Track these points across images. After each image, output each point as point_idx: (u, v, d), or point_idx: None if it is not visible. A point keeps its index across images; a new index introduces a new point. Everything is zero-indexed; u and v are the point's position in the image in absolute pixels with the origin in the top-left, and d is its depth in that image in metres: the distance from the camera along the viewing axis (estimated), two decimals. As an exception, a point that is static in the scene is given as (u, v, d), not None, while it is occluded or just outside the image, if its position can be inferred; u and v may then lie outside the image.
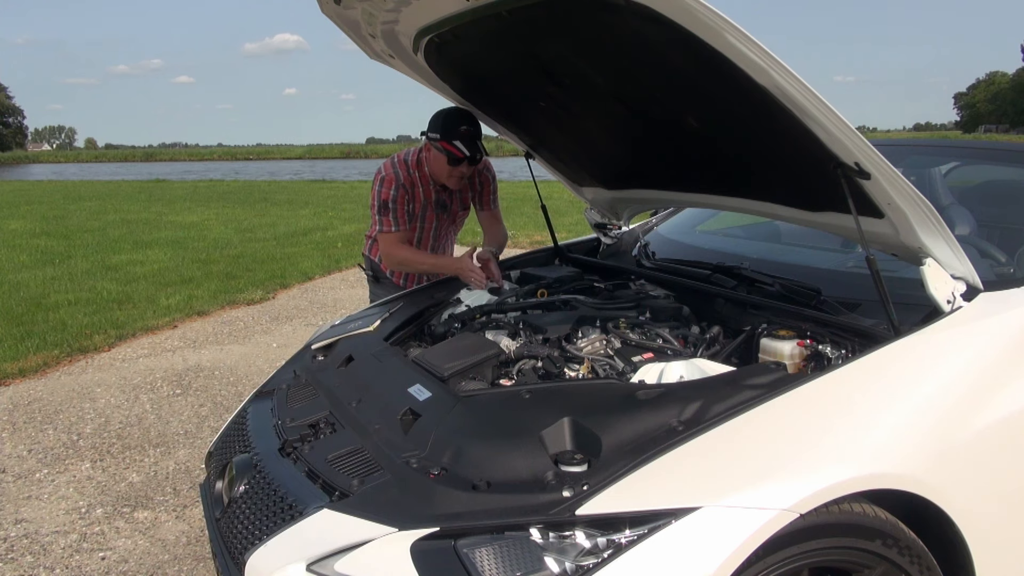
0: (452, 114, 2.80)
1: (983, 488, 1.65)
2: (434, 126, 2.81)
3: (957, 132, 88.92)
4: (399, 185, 2.93)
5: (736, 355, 2.09)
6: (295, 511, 1.66)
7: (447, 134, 2.77)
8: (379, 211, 2.95)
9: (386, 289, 3.21)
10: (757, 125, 1.87)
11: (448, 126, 2.77)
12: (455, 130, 2.76)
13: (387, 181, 2.93)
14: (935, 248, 1.80)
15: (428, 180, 2.99)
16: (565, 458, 1.54)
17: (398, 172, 2.94)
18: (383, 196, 2.93)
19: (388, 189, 2.93)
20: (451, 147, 2.77)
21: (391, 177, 2.93)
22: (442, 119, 2.80)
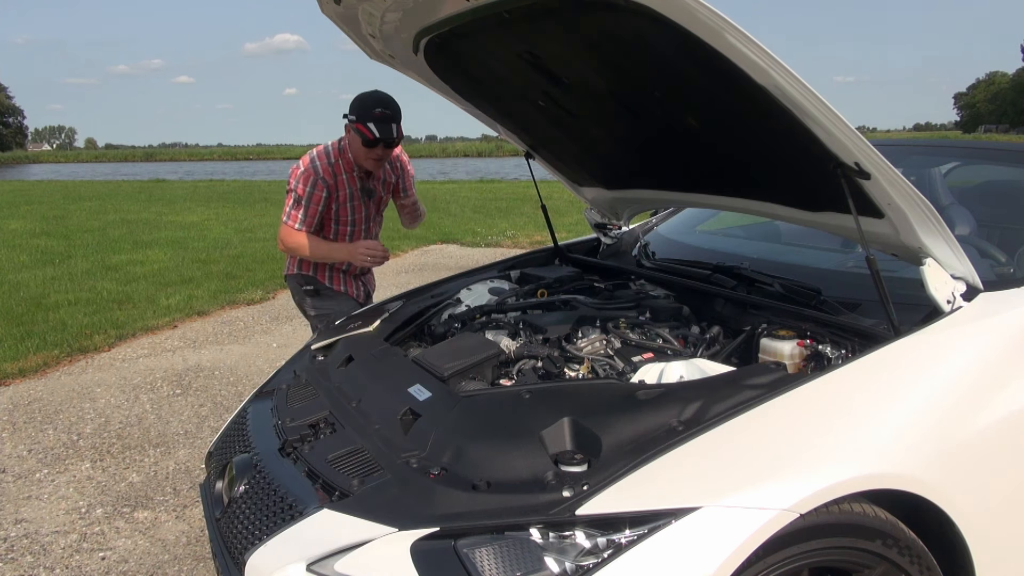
0: (369, 96, 2.81)
1: (983, 488, 1.65)
2: (352, 107, 2.83)
3: (957, 132, 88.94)
4: (318, 181, 2.92)
5: (736, 355, 2.09)
6: (295, 511, 1.66)
7: (362, 115, 2.78)
8: (292, 204, 2.96)
9: (334, 299, 3.16)
10: (757, 125, 1.87)
11: (364, 108, 2.78)
12: (370, 112, 2.77)
13: (305, 176, 2.92)
14: (935, 248, 1.80)
15: (352, 167, 2.99)
16: (565, 458, 1.54)
17: (317, 166, 2.93)
18: (299, 191, 2.93)
19: (305, 186, 2.92)
20: (364, 128, 2.78)
21: (309, 172, 2.93)
22: (359, 101, 2.81)
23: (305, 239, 3.00)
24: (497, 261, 3.23)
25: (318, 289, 3.19)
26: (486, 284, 2.87)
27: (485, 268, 3.14)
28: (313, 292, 3.20)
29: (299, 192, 2.92)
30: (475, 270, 3.15)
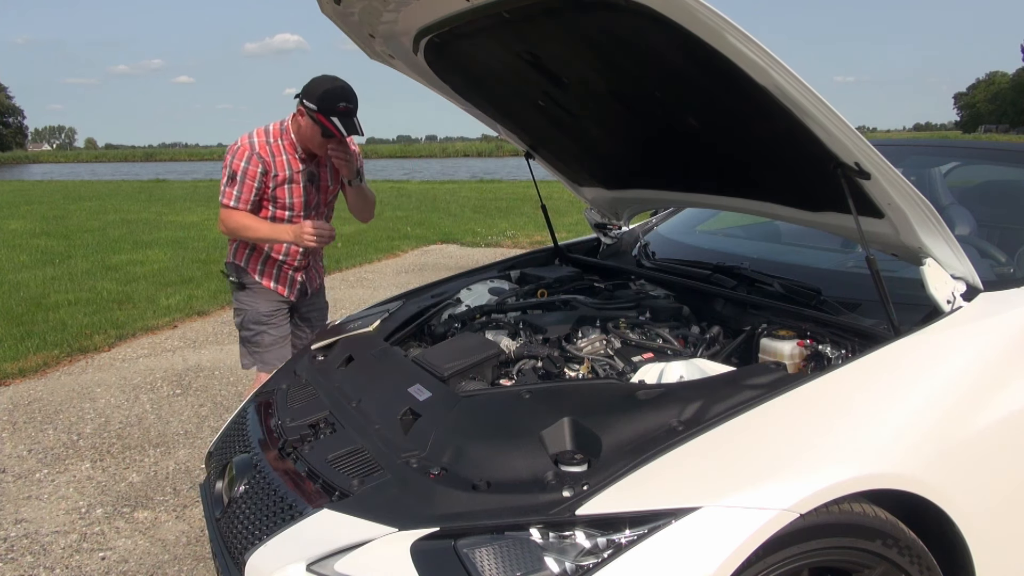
0: (333, 89, 2.69)
1: (983, 488, 1.65)
2: (312, 95, 2.69)
3: (957, 132, 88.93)
4: (252, 155, 2.79)
5: (736, 355, 2.09)
6: (295, 511, 1.66)
7: (325, 108, 2.67)
8: (227, 181, 2.82)
9: (254, 296, 3.03)
10: (757, 125, 1.87)
11: (328, 100, 2.67)
12: (334, 106, 2.66)
13: (240, 151, 2.79)
14: (935, 248, 1.80)
15: (294, 148, 2.86)
16: (565, 458, 1.54)
17: (253, 141, 2.81)
18: (233, 167, 2.80)
19: (240, 160, 2.79)
20: (327, 122, 2.68)
21: (245, 147, 2.80)
22: (322, 91, 2.68)
23: (245, 218, 2.85)
24: (497, 261, 3.22)
25: (243, 283, 3.05)
26: (486, 284, 2.87)
27: (485, 268, 3.14)
28: (238, 285, 3.06)
29: (233, 167, 2.80)
30: (475, 270, 3.15)
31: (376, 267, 8.87)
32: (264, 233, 2.87)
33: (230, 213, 2.85)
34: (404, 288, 3.50)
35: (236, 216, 2.84)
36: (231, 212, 2.84)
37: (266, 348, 3.04)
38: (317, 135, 2.74)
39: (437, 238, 10.95)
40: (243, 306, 3.04)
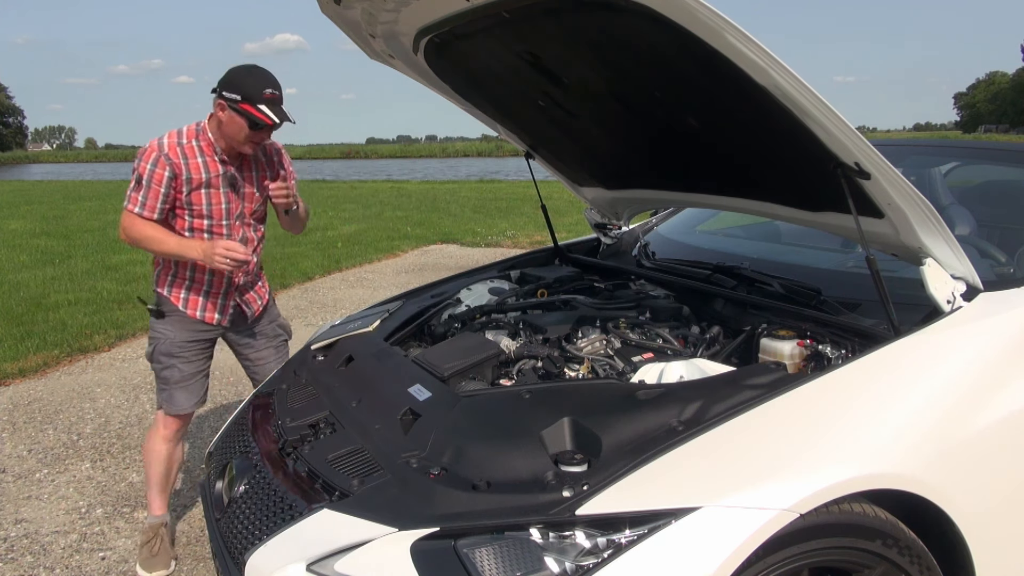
0: (256, 75, 2.47)
1: (983, 488, 1.65)
2: (233, 86, 2.45)
3: (957, 132, 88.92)
4: (160, 158, 2.50)
5: (736, 355, 2.09)
6: (295, 511, 1.66)
7: (251, 97, 2.43)
8: (133, 186, 2.53)
9: (171, 326, 2.70)
10: (757, 125, 1.87)
11: (252, 88, 2.44)
12: (260, 93, 2.44)
13: (147, 154, 2.51)
14: (935, 248, 1.80)
15: (212, 150, 2.58)
16: (565, 458, 1.54)
17: (163, 143, 2.52)
18: (140, 170, 2.50)
19: (146, 163, 2.50)
20: (256, 111, 2.43)
21: (152, 149, 2.51)
22: (244, 79, 2.46)
23: (150, 228, 2.54)
24: (497, 261, 3.22)
25: (163, 310, 2.71)
26: (486, 284, 2.87)
27: (485, 268, 3.14)
28: (156, 313, 2.72)
29: (140, 171, 2.51)
30: (475, 270, 3.15)
31: (376, 267, 8.87)
32: (170, 247, 2.55)
33: (133, 220, 2.55)
34: (404, 288, 3.50)
35: (140, 225, 2.54)
36: (134, 219, 2.54)
37: (174, 385, 2.71)
38: (243, 129, 2.48)
39: (437, 238, 10.95)
40: (156, 335, 2.72)
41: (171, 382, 2.71)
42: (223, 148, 2.57)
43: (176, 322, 2.70)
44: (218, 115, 2.51)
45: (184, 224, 2.62)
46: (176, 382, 2.71)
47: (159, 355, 2.70)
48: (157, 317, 2.71)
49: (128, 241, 2.59)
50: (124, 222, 2.57)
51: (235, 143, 2.55)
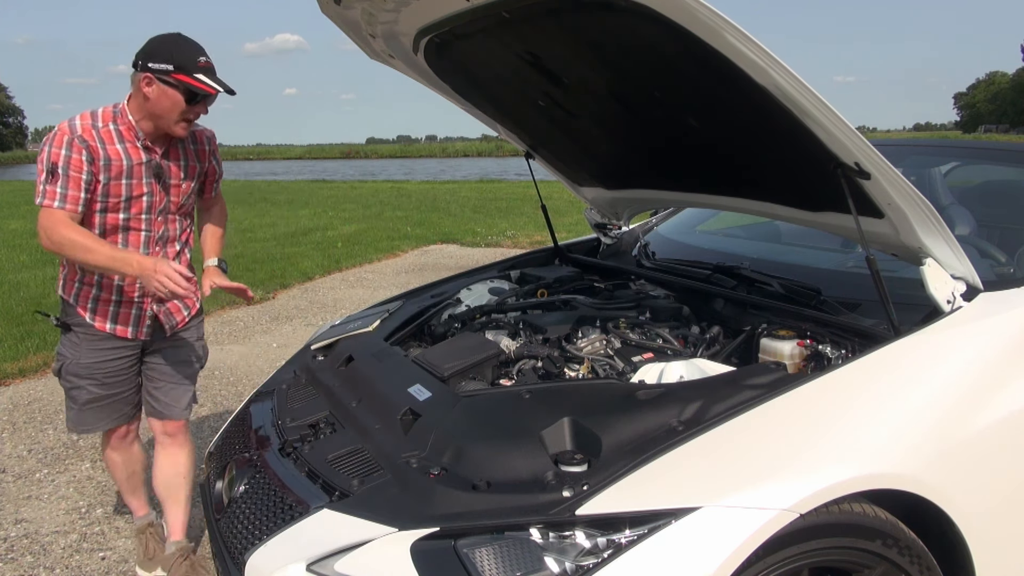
0: (185, 42, 2.19)
1: (983, 488, 1.65)
2: (160, 56, 2.14)
3: (957, 132, 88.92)
4: (73, 140, 2.15)
5: (736, 355, 2.09)
6: (295, 511, 1.66)
7: (184, 66, 2.14)
8: (45, 178, 2.14)
9: (79, 343, 2.34)
10: (757, 125, 1.87)
11: (185, 56, 2.15)
12: (193, 61, 2.16)
13: (57, 137, 2.15)
14: (935, 248, 1.80)
15: (133, 135, 2.24)
16: (565, 458, 1.54)
17: (75, 124, 2.18)
18: (52, 158, 2.13)
19: (58, 148, 2.13)
20: (193, 80, 2.15)
21: (63, 131, 2.16)
22: (173, 47, 2.16)
23: (76, 232, 2.15)
24: (497, 261, 3.23)
25: (69, 323, 2.35)
26: (486, 284, 2.87)
27: (485, 268, 3.14)
28: (63, 326, 2.37)
29: (53, 158, 2.12)
30: (475, 270, 3.15)
31: (376, 267, 8.87)
32: (101, 259, 2.15)
33: (55, 219, 2.13)
34: (404, 288, 3.50)
35: (64, 226, 2.13)
36: (56, 218, 2.13)
37: (81, 407, 2.39)
38: (178, 104, 2.17)
39: (437, 238, 10.95)
40: (64, 351, 2.37)
41: (79, 402, 2.38)
42: (147, 132, 2.25)
43: (85, 338, 2.34)
44: (143, 91, 2.17)
45: (96, 220, 2.24)
46: (85, 403, 2.38)
47: (67, 374, 2.37)
48: (64, 331, 2.36)
49: (50, 246, 2.16)
50: (44, 222, 2.15)
51: (166, 123, 2.22)
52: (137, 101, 2.22)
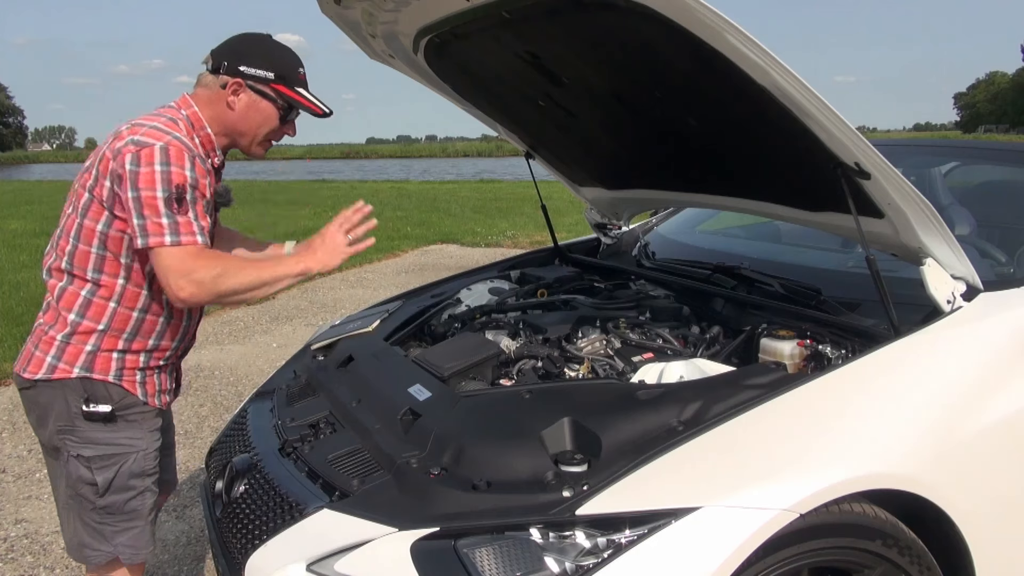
0: (285, 49, 1.84)
1: (983, 488, 1.65)
2: (259, 60, 1.78)
3: (957, 132, 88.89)
4: (196, 157, 1.69)
5: (736, 355, 2.09)
6: (295, 511, 1.66)
7: (287, 77, 1.80)
8: (174, 207, 1.61)
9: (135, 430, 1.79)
10: (757, 125, 1.87)
11: (288, 64, 1.81)
12: (295, 72, 1.82)
13: (175, 153, 1.64)
14: (935, 248, 1.80)
15: (213, 149, 1.83)
16: (565, 458, 1.54)
17: (179, 136, 1.69)
18: (176, 179, 1.62)
19: (181, 167, 1.63)
20: (297, 95, 1.81)
21: (176, 146, 1.65)
22: (274, 51, 1.82)
23: (232, 261, 1.74)
24: (497, 261, 3.23)
25: (114, 410, 1.75)
26: (486, 284, 2.87)
27: (485, 268, 3.14)
28: (105, 417, 1.73)
29: (177, 179, 1.62)
30: (475, 270, 3.15)
31: (376, 267, 8.87)
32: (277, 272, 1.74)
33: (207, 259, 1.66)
34: (404, 288, 3.50)
35: (214, 259, 1.67)
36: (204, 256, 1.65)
37: (147, 518, 1.83)
38: (271, 120, 1.83)
39: (437, 238, 10.95)
40: (116, 450, 1.75)
41: (145, 512, 1.82)
42: (225, 144, 1.86)
43: (142, 420, 1.80)
44: (226, 99, 1.78)
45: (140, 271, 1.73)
46: (151, 510, 1.84)
47: (130, 478, 1.77)
48: (106, 421, 1.74)
49: (199, 296, 1.64)
50: (185, 265, 1.61)
51: (247, 141, 1.86)
52: (214, 110, 1.80)
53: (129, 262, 1.72)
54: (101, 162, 1.69)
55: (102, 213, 1.69)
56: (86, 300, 1.73)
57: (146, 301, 1.76)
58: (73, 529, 1.80)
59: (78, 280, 1.73)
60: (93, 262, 1.71)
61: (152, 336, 1.80)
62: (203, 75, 1.82)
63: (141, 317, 1.76)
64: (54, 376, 1.73)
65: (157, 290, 1.75)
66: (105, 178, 1.67)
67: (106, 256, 1.71)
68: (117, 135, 1.70)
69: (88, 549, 1.78)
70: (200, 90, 1.82)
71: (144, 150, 1.62)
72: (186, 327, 1.89)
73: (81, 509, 1.76)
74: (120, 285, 1.73)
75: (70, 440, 1.74)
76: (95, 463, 1.74)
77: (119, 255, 1.71)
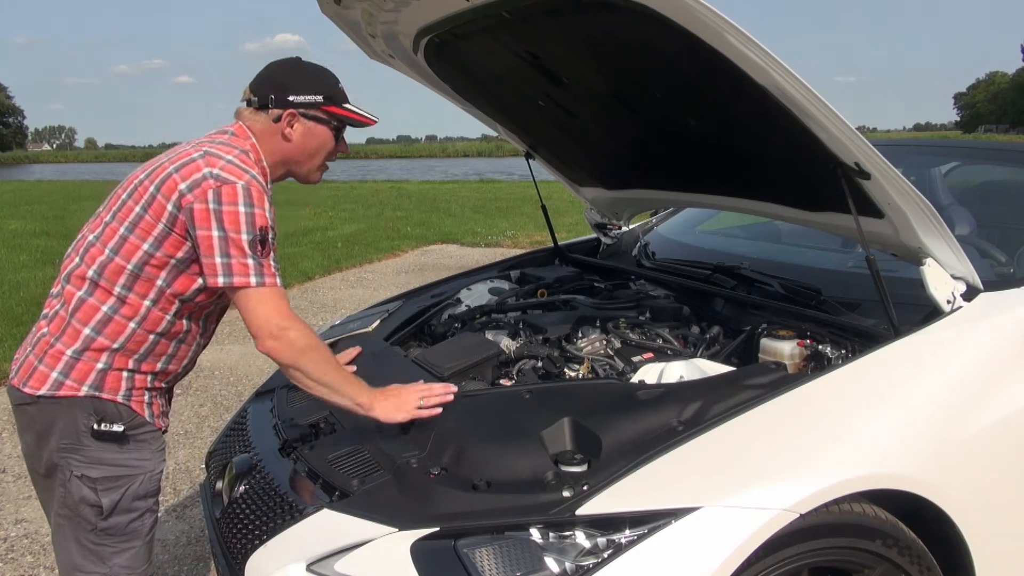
0: (319, 67, 1.82)
1: (983, 488, 1.65)
2: (305, 86, 1.75)
3: (957, 132, 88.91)
4: (264, 196, 1.67)
5: (736, 355, 2.09)
6: (295, 511, 1.66)
7: (334, 96, 1.78)
8: (250, 251, 1.60)
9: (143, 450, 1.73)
10: (757, 125, 1.87)
11: (329, 83, 1.79)
12: (338, 88, 1.80)
13: (256, 194, 1.63)
14: (935, 248, 1.80)
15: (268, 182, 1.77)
16: (565, 458, 1.54)
17: (258, 178, 1.67)
18: (259, 221, 1.62)
19: (262, 208, 1.64)
20: (347, 111, 1.79)
21: (259, 189, 1.64)
22: (314, 74, 1.79)
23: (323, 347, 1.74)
24: (497, 261, 3.23)
25: (126, 431, 1.68)
26: (486, 284, 2.87)
27: (485, 268, 3.14)
28: (116, 436, 1.67)
29: (260, 221, 1.62)
30: (475, 270, 3.15)
31: (376, 267, 8.87)
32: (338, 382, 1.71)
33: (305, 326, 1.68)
34: (404, 288, 3.50)
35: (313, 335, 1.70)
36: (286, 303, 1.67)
37: (145, 539, 1.77)
38: (327, 143, 1.81)
39: (437, 238, 10.95)
40: (124, 471, 1.69)
41: (141, 535, 1.75)
42: (276, 178, 1.84)
43: (150, 440, 1.75)
44: (284, 132, 1.75)
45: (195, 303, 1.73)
46: (150, 529, 1.78)
47: (134, 500, 1.71)
48: (118, 442, 1.68)
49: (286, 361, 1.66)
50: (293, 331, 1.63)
51: (307, 169, 1.84)
52: (270, 144, 1.76)
53: (164, 287, 1.67)
54: (166, 183, 1.63)
55: (152, 232, 1.63)
56: (106, 316, 1.65)
57: (167, 326, 1.71)
58: (67, 553, 1.71)
59: (102, 293, 1.65)
60: (126, 278, 1.65)
61: (162, 359, 1.75)
62: (244, 110, 1.79)
63: (156, 340, 1.71)
64: (60, 393, 1.64)
65: (180, 317, 1.73)
66: (168, 201, 1.61)
67: (141, 276, 1.65)
68: (190, 162, 1.64)
69: (80, 573, 1.70)
70: (253, 123, 1.77)
71: (226, 187, 1.60)
72: (193, 354, 1.86)
73: (78, 530, 1.69)
74: (145, 307, 1.67)
75: (74, 460, 1.65)
76: (101, 484, 1.66)
77: (156, 278, 1.66)
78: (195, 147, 1.69)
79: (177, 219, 1.62)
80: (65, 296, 1.68)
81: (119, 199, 1.70)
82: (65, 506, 1.69)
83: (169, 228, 1.62)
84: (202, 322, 1.82)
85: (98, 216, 1.72)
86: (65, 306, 1.67)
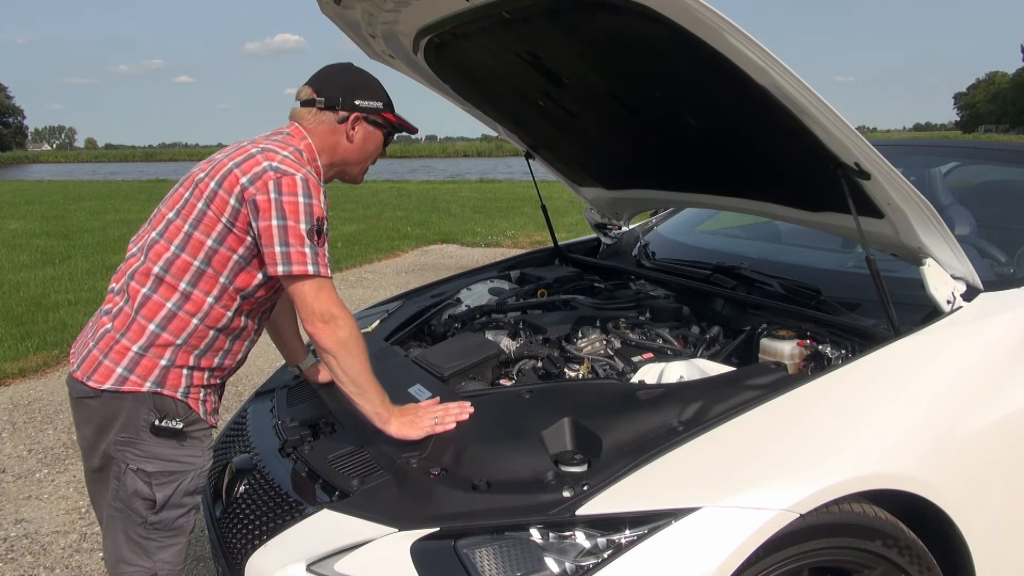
0: (373, 75, 1.91)
1: (983, 488, 1.65)
2: (369, 92, 1.85)
3: (957, 132, 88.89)
4: (322, 190, 1.75)
5: (736, 355, 2.09)
6: (295, 511, 1.66)
7: (390, 104, 1.89)
8: (308, 240, 1.65)
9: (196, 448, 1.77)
10: (757, 125, 1.87)
11: (383, 91, 1.88)
12: (386, 95, 1.90)
13: (313, 186, 1.68)
14: (935, 248, 1.80)
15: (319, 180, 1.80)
16: (565, 458, 1.54)
17: (309, 170, 1.73)
18: (316, 212, 1.67)
19: (319, 200, 1.69)
20: (399, 120, 1.92)
21: (315, 182, 1.70)
22: (371, 81, 1.88)
23: (363, 344, 1.74)
24: (497, 261, 3.23)
25: (184, 427, 1.73)
26: (486, 284, 2.87)
27: (485, 268, 3.15)
28: (175, 432, 1.71)
29: (317, 212, 1.67)
30: (475, 270, 3.15)
31: (376, 267, 8.87)
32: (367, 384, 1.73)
33: (354, 323, 1.72)
34: (404, 288, 3.50)
35: (359, 335, 1.73)
36: (336, 296, 1.70)
37: (187, 535, 1.80)
38: (380, 147, 1.92)
39: (437, 238, 10.95)
40: (177, 467, 1.72)
41: (186, 532, 1.79)
42: (327, 177, 1.89)
43: (203, 437, 1.80)
44: (348, 133, 1.83)
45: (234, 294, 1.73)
46: (190, 530, 1.81)
47: (184, 496, 1.74)
48: (177, 438, 1.72)
49: (328, 346, 1.67)
50: (341, 321, 1.67)
51: (357, 170, 1.93)
52: (330, 142, 1.83)
53: (227, 283, 1.71)
54: (227, 178, 1.67)
55: (215, 228, 1.67)
56: (170, 312, 1.69)
57: (227, 322, 1.75)
58: (115, 545, 1.74)
59: (167, 289, 1.69)
60: (192, 274, 1.69)
61: (219, 355, 1.79)
62: (304, 111, 1.83)
63: (216, 336, 1.75)
64: (124, 388, 1.67)
65: (239, 314, 1.77)
66: (230, 195, 1.66)
67: (206, 272, 1.69)
68: (249, 157, 1.69)
69: (126, 565, 1.72)
70: (315, 125, 1.82)
71: (286, 178, 1.65)
72: (246, 349, 1.89)
73: (128, 523, 1.72)
74: (208, 304, 1.70)
75: (131, 453, 1.68)
76: (156, 479, 1.69)
77: (220, 273, 1.70)
78: (253, 144, 1.76)
79: (240, 213, 1.66)
80: (130, 292, 1.71)
81: (182, 197, 1.74)
82: (118, 499, 1.71)
83: (232, 222, 1.67)
84: (257, 319, 1.86)
85: (159, 214, 1.76)
86: (130, 302, 1.70)
